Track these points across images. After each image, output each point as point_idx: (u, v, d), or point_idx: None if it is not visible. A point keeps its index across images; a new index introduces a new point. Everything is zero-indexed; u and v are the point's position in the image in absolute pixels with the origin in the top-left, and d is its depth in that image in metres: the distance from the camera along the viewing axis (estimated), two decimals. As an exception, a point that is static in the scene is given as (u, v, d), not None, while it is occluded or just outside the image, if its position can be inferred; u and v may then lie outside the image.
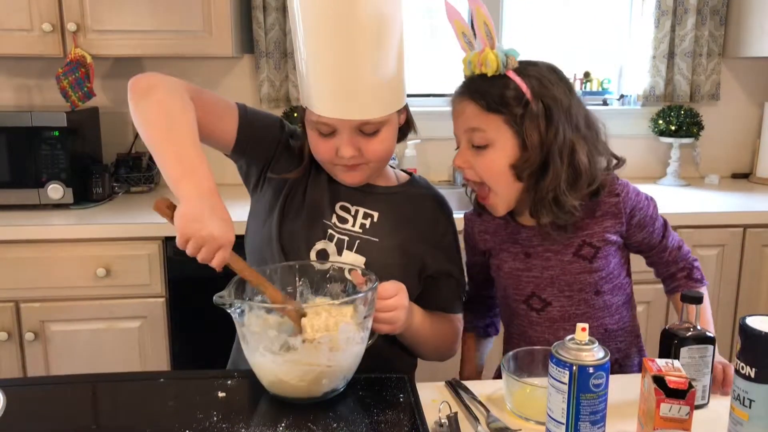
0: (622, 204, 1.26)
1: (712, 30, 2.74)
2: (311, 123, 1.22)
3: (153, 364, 2.17)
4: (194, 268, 2.27)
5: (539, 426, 1.03)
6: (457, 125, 1.26)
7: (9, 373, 2.12)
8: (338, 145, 1.21)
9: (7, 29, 2.23)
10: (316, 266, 1.21)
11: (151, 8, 2.26)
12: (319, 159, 1.27)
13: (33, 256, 2.08)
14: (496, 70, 1.20)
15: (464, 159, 1.24)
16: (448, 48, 2.85)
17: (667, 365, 0.98)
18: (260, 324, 1.07)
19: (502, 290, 1.36)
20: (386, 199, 1.32)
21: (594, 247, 1.26)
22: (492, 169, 1.21)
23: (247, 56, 2.64)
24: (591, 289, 1.28)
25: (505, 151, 1.20)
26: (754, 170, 2.83)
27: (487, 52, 1.21)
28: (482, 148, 1.21)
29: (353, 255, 1.26)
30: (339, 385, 1.08)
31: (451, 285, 1.36)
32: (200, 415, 1.02)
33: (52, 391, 1.16)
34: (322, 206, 1.29)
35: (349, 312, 1.08)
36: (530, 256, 1.29)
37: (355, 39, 1.14)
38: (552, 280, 1.28)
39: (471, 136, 1.22)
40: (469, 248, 1.40)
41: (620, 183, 1.27)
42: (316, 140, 1.24)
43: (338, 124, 1.19)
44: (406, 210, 1.33)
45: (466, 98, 1.23)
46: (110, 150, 2.61)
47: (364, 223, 1.29)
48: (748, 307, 2.33)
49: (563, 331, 1.23)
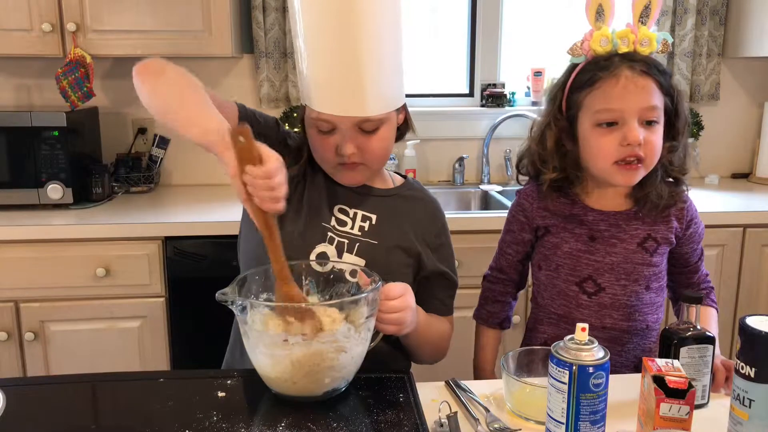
0: (687, 211, 1.34)
1: (712, 30, 2.74)
2: (311, 120, 1.23)
3: (153, 364, 2.17)
4: (194, 268, 2.28)
5: (539, 426, 1.03)
6: (631, 101, 1.22)
7: (9, 373, 2.12)
8: (338, 143, 1.21)
9: (7, 29, 2.23)
10: (314, 267, 1.21)
11: (151, 8, 2.26)
12: (319, 158, 1.27)
13: (33, 256, 2.08)
14: (653, 50, 1.25)
15: (638, 136, 1.22)
16: (448, 48, 2.86)
17: (667, 365, 0.98)
18: (262, 322, 1.06)
19: (551, 270, 1.34)
20: (383, 202, 1.33)
21: (657, 242, 1.31)
22: (658, 144, 1.25)
23: (246, 56, 2.64)
24: (644, 282, 1.31)
25: (661, 131, 1.25)
26: (753, 170, 2.83)
27: (647, 32, 1.25)
28: (653, 125, 1.23)
29: (353, 258, 1.26)
30: (340, 385, 1.08)
31: (445, 286, 1.36)
32: (200, 415, 1.02)
33: (51, 391, 1.15)
34: (321, 209, 1.29)
35: (351, 312, 1.08)
36: (595, 239, 1.30)
37: (356, 36, 1.14)
38: (612, 267, 1.30)
39: (647, 114, 1.22)
40: (518, 224, 1.37)
41: (687, 194, 1.35)
42: (316, 138, 1.24)
43: (338, 121, 1.19)
44: (403, 212, 1.33)
45: (647, 76, 1.22)
46: (110, 150, 2.61)
47: (362, 226, 1.29)
48: (748, 307, 2.33)
49: (609, 318, 1.30)
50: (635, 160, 1.22)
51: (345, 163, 1.24)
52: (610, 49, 1.25)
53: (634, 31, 1.25)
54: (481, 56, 2.79)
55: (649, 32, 1.25)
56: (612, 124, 1.22)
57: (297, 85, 2.59)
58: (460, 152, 2.74)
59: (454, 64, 2.86)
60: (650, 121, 1.22)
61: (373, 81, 1.18)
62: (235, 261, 1.40)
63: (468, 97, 2.85)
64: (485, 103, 2.77)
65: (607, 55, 1.25)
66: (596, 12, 1.27)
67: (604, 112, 1.22)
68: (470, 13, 2.78)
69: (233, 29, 2.35)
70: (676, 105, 1.27)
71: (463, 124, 2.79)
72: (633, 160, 1.22)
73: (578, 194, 1.32)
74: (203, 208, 2.33)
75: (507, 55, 2.82)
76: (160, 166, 2.64)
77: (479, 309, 1.46)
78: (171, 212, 2.35)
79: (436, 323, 1.33)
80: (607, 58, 1.24)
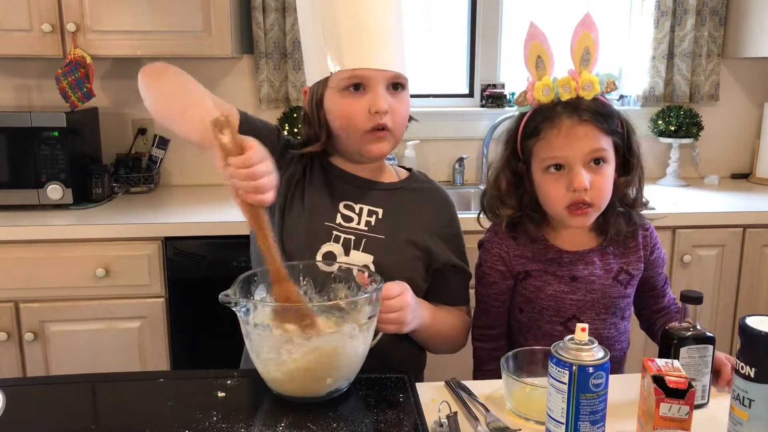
0: (650, 238, 1.36)
1: (712, 30, 2.74)
2: (341, 83, 1.22)
3: (153, 364, 2.17)
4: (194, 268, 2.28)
5: (539, 426, 1.03)
6: (574, 148, 1.24)
7: (8, 373, 2.12)
8: (371, 102, 1.21)
9: (7, 29, 2.23)
10: (321, 267, 1.21)
11: (151, 8, 2.26)
12: (347, 126, 1.24)
13: (33, 256, 2.08)
14: (596, 93, 1.26)
15: (583, 182, 1.23)
16: (448, 48, 2.86)
17: (666, 365, 0.98)
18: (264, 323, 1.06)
19: (535, 312, 1.34)
20: (389, 195, 1.32)
21: (629, 274, 1.33)
22: (606, 185, 1.26)
23: (246, 57, 2.64)
24: (620, 314, 1.35)
25: (612, 169, 1.27)
26: (753, 170, 2.83)
27: (588, 76, 1.25)
28: (601, 164, 1.25)
29: (361, 254, 1.26)
30: (342, 385, 1.08)
31: (459, 277, 1.36)
32: (200, 415, 1.02)
33: (51, 391, 1.15)
34: (324, 207, 1.28)
35: (352, 312, 1.08)
36: (576, 279, 1.31)
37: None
38: (593, 303, 1.32)
39: (593, 156, 1.24)
40: (499, 274, 1.35)
41: (646, 221, 1.37)
42: (345, 103, 1.22)
43: (373, 76, 1.21)
44: (410, 205, 1.33)
45: (587, 123, 1.24)
46: (110, 150, 2.61)
47: (369, 221, 1.29)
48: (748, 307, 2.33)
49: None
50: (584, 206, 1.24)
51: (376, 129, 1.22)
52: (553, 98, 1.27)
53: (575, 77, 1.25)
54: (481, 56, 2.79)
55: (591, 76, 1.25)
56: (560, 168, 1.25)
57: (297, 85, 2.60)
58: (460, 152, 2.75)
59: (454, 65, 2.86)
60: (597, 160, 1.24)
61: (399, 40, 1.25)
62: (235, 261, 1.40)
63: (468, 97, 2.85)
64: (485, 104, 2.78)
65: (550, 104, 1.27)
66: (536, 62, 1.29)
67: (549, 159, 1.26)
68: (470, 13, 2.78)
69: (233, 30, 2.35)
70: (628, 141, 1.29)
71: (463, 125, 2.79)
72: (581, 206, 1.24)
73: (547, 238, 1.33)
74: (203, 208, 2.33)
75: (507, 55, 2.82)
76: (160, 167, 2.64)
77: (477, 371, 1.42)
78: (171, 212, 2.35)
79: (445, 316, 1.32)
80: (550, 108, 1.26)
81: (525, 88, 1.30)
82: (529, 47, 1.29)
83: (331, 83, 1.23)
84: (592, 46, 1.26)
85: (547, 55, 1.28)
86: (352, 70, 1.20)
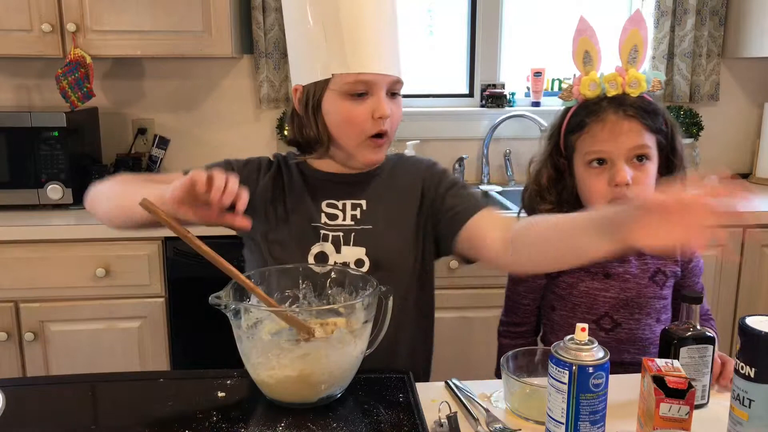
0: None
1: (712, 30, 2.74)
2: (345, 87, 1.21)
3: (153, 364, 2.17)
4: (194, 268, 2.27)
5: (539, 426, 1.03)
6: (618, 143, 1.25)
7: (8, 373, 2.12)
8: (374, 107, 1.21)
9: (7, 29, 2.23)
10: (314, 269, 1.20)
11: (151, 8, 2.26)
12: (348, 131, 1.23)
13: (33, 256, 2.08)
14: (642, 90, 1.27)
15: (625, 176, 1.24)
16: (448, 48, 2.86)
17: (666, 365, 0.98)
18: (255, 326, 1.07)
19: (567, 310, 1.35)
20: (369, 184, 1.31)
21: (666, 276, 1.34)
22: (649, 181, 1.27)
23: (246, 56, 2.64)
24: (655, 315, 1.35)
25: (655, 168, 1.28)
26: (753, 170, 2.83)
27: (635, 73, 1.27)
28: (644, 161, 1.26)
29: (352, 248, 1.25)
30: (335, 392, 1.07)
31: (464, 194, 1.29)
32: (200, 415, 1.02)
33: (51, 391, 1.15)
34: (307, 209, 1.28)
35: (348, 317, 1.08)
36: (610, 276, 1.32)
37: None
38: (627, 302, 1.32)
39: (636, 152, 1.25)
40: None
41: None
42: (348, 108, 1.22)
43: (377, 82, 1.21)
44: (390, 187, 1.32)
45: (633, 119, 1.25)
46: (110, 150, 2.61)
47: (354, 214, 1.28)
48: (748, 307, 2.33)
49: (627, 353, 1.33)
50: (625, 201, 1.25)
51: (376, 136, 1.23)
52: (599, 93, 1.28)
53: (622, 74, 1.27)
54: (481, 56, 2.79)
55: (638, 74, 1.27)
56: (602, 163, 1.26)
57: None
58: (460, 152, 2.74)
59: (454, 65, 2.86)
60: (640, 157, 1.25)
61: (396, 45, 1.25)
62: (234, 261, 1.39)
63: (468, 97, 2.85)
64: (485, 104, 2.77)
65: (595, 99, 1.28)
66: (583, 57, 1.29)
67: (592, 153, 1.27)
68: (470, 13, 2.78)
69: (233, 29, 2.35)
70: (672, 141, 1.30)
71: (463, 125, 2.78)
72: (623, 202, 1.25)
73: None
74: (203, 208, 2.33)
75: (507, 55, 2.82)
76: (160, 167, 2.64)
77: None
78: (171, 212, 2.34)
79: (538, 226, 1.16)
80: (595, 103, 1.28)
81: (571, 83, 1.32)
82: (578, 42, 1.31)
83: (333, 85, 1.22)
84: (640, 43, 1.28)
85: (595, 50, 1.29)
86: (357, 74, 1.20)
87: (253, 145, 2.69)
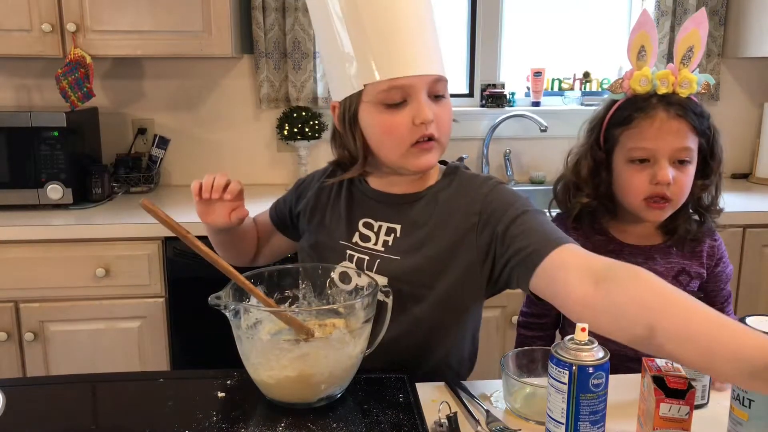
0: (717, 249, 1.37)
1: (712, 30, 2.74)
2: (379, 97, 1.12)
3: (152, 364, 2.17)
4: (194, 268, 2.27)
5: (539, 426, 1.03)
6: (664, 142, 1.26)
7: (8, 373, 2.12)
8: (414, 113, 1.11)
9: (7, 29, 2.23)
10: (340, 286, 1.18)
11: (151, 8, 2.26)
12: (390, 144, 1.14)
13: (33, 256, 2.08)
14: (692, 92, 1.28)
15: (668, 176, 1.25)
16: (448, 48, 2.86)
17: (666, 365, 0.98)
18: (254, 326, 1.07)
19: None
20: (411, 207, 1.20)
21: (690, 276, 1.34)
22: (687, 183, 1.28)
23: (246, 56, 2.64)
24: None
25: (693, 170, 1.29)
26: (753, 170, 2.83)
27: (687, 74, 1.27)
28: (685, 164, 1.27)
29: (375, 276, 1.18)
30: (335, 392, 1.07)
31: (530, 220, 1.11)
32: (200, 415, 1.02)
33: (51, 391, 1.15)
34: (342, 227, 1.24)
35: (347, 317, 1.08)
36: None
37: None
38: None
39: (679, 154, 1.26)
40: None
41: (716, 231, 1.38)
42: (385, 119, 1.12)
43: (413, 84, 1.11)
44: (434, 213, 1.19)
45: (682, 119, 1.26)
46: (110, 150, 2.61)
47: (386, 240, 1.20)
48: (748, 307, 2.33)
49: None
50: (662, 200, 1.26)
51: (421, 141, 1.13)
52: (650, 89, 1.28)
53: (675, 73, 1.28)
54: (481, 56, 2.79)
55: (690, 75, 1.28)
56: (644, 161, 1.26)
57: (297, 85, 2.60)
58: (460, 152, 2.74)
59: (453, 65, 2.86)
60: (682, 160, 1.26)
61: (433, 40, 1.16)
62: (234, 261, 1.39)
63: (468, 97, 2.85)
64: (485, 104, 2.77)
65: (645, 95, 1.28)
66: (638, 52, 1.30)
67: (637, 150, 1.27)
68: (470, 13, 2.78)
69: (233, 29, 2.35)
70: (712, 145, 1.31)
71: (463, 124, 2.78)
72: (660, 200, 1.26)
73: (610, 231, 1.36)
74: (203, 208, 2.33)
75: (507, 55, 2.82)
76: (160, 167, 2.64)
77: None
78: (171, 212, 2.31)
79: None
80: (645, 99, 1.28)
81: (621, 76, 1.31)
82: (636, 35, 1.30)
83: (366, 97, 1.13)
84: (697, 44, 1.28)
85: (651, 46, 1.29)
86: (389, 81, 1.10)
87: (253, 145, 2.70)
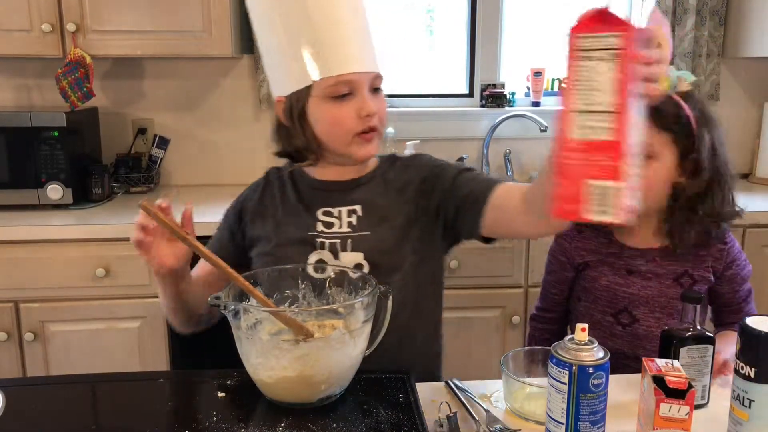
0: (726, 253, 1.37)
1: (712, 30, 2.74)
2: (326, 91, 1.22)
3: (152, 364, 2.17)
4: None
5: (539, 426, 1.03)
6: None
7: (8, 373, 2.12)
8: (359, 106, 1.22)
9: (7, 29, 2.23)
10: (313, 274, 1.20)
11: (151, 8, 2.26)
12: (336, 133, 1.24)
13: (33, 256, 2.08)
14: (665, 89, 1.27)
15: None
16: (448, 48, 2.86)
17: (666, 365, 0.98)
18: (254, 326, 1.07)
19: (590, 302, 1.41)
20: (364, 189, 1.31)
21: (693, 279, 1.36)
22: (651, 179, 1.26)
23: (246, 56, 2.64)
24: (677, 317, 1.34)
25: (665, 167, 1.28)
26: (753, 170, 2.83)
27: None
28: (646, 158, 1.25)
29: (350, 254, 1.25)
30: (335, 392, 1.07)
31: (468, 176, 1.27)
32: (200, 415, 1.02)
33: (51, 391, 1.15)
34: (301, 220, 1.29)
35: (347, 317, 1.08)
36: (632, 273, 1.36)
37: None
38: (647, 300, 1.35)
39: None
40: (559, 264, 1.44)
41: (729, 234, 1.39)
42: (333, 110, 1.23)
43: (359, 80, 1.22)
44: (386, 189, 1.31)
45: None
46: (110, 150, 2.61)
47: (350, 221, 1.28)
48: (748, 307, 2.32)
49: (642, 349, 1.35)
50: None
51: (364, 131, 1.23)
52: None
53: None
54: (481, 56, 2.79)
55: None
56: None
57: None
58: (460, 152, 2.74)
59: (453, 65, 2.86)
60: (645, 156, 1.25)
61: (370, 40, 1.27)
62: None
63: (468, 97, 2.85)
64: (485, 104, 2.77)
65: None
66: None
67: None
68: (470, 13, 2.78)
69: (233, 29, 2.35)
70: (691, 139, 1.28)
71: (463, 125, 2.78)
72: None
73: (613, 233, 1.38)
74: (203, 208, 2.32)
75: (507, 55, 2.82)
76: (160, 167, 2.64)
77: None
78: (171, 212, 2.34)
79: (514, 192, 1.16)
80: None
81: None
82: None
83: (315, 92, 1.23)
84: (663, 41, 1.28)
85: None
86: (337, 77, 1.20)
87: (253, 145, 2.69)
